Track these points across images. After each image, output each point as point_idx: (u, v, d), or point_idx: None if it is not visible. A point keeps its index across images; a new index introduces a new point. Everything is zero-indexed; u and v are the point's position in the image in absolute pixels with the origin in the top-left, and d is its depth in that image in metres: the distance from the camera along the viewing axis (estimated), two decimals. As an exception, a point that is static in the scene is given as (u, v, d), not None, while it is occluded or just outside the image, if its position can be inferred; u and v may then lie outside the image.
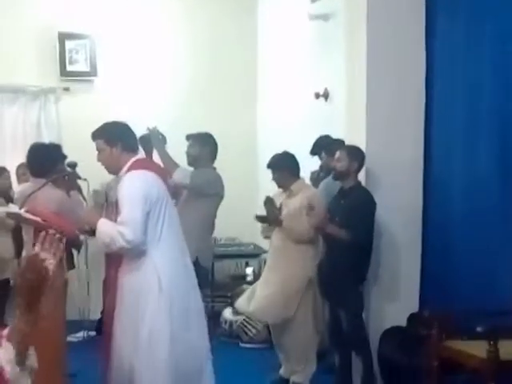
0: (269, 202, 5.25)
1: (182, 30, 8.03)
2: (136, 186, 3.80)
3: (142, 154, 4.12)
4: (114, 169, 4.00)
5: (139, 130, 4.25)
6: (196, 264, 4.72)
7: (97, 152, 4.00)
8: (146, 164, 4.00)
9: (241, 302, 5.57)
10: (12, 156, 7.10)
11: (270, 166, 5.40)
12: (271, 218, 5.24)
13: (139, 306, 3.78)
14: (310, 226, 4.92)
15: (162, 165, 4.90)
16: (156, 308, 3.77)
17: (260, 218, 5.38)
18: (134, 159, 3.95)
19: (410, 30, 5.06)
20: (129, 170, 3.90)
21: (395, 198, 5.02)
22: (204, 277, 5.12)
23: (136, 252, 3.77)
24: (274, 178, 5.37)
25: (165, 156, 5.40)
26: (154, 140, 5.39)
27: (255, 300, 5.35)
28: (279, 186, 5.39)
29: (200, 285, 4.17)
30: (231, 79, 8.06)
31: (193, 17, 8.04)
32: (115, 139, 3.92)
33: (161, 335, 3.77)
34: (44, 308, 2.01)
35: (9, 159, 7.01)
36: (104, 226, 3.82)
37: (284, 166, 5.33)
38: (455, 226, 4.84)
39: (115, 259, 3.92)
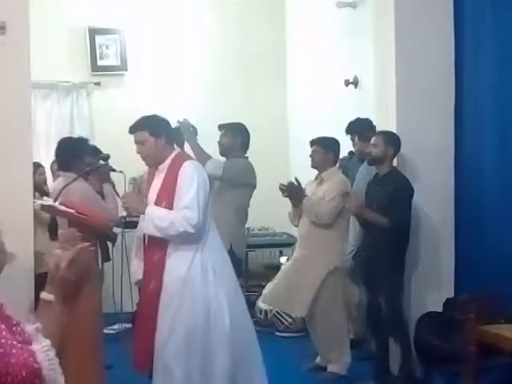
0: (290, 184, 5.30)
1: (210, 21, 8.05)
2: (198, 174, 3.91)
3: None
4: (157, 160, 4.04)
5: (170, 123, 4.27)
6: (230, 253, 4.76)
7: (136, 144, 4.03)
8: (188, 156, 4.12)
9: (264, 293, 5.63)
10: (46, 152, 7.19)
11: (314, 142, 5.38)
12: (292, 190, 5.26)
13: (186, 290, 3.86)
14: (349, 212, 4.95)
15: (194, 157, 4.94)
16: (209, 291, 3.87)
17: (282, 187, 5.36)
18: (176, 152, 4.06)
19: (438, 14, 5.02)
20: (174, 161, 3.97)
21: (427, 184, 5.00)
22: (238, 266, 5.14)
23: (196, 237, 3.86)
24: (313, 156, 5.35)
25: (197, 148, 5.42)
26: (185, 132, 5.41)
27: (276, 290, 5.42)
28: (313, 166, 5.38)
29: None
30: (260, 69, 8.07)
31: (221, 7, 8.06)
32: (160, 131, 3.98)
33: (219, 318, 3.87)
34: (81, 305, 2.03)
35: (43, 155, 7.11)
36: (158, 210, 3.90)
37: (328, 147, 5.34)
38: (488, 210, 4.81)
39: (158, 246, 3.96)
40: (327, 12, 6.87)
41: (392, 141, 4.83)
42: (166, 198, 3.89)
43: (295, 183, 5.30)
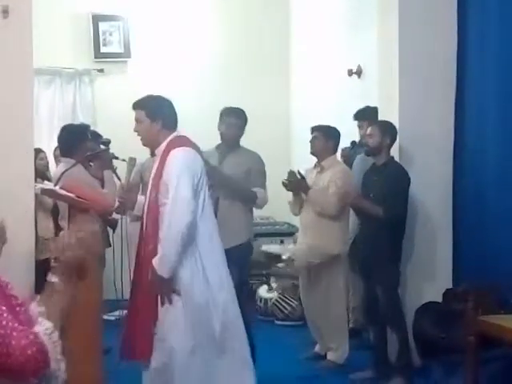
0: (291, 174, 5.27)
1: (214, 7, 8.05)
2: (183, 164, 3.74)
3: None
4: (151, 143, 3.96)
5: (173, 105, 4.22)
6: (249, 245, 4.91)
7: (135, 122, 3.93)
8: (185, 141, 3.90)
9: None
10: (49, 138, 7.21)
11: (315, 129, 5.38)
12: (296, 183, 5.26)
13: (178, 278, 3.74)
14: (342, 202, 4.95)
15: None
16: (203, 293, 3.75)
17: (285, 183, 5.35)
18: (171, 136, 3.87)
19: (441, 5, 5.02)
20: (168, 147, 3.83)
21: (428, 173, 5.01)
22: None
23: (191, 231, 3.70)
24: (313, 143, 5.35)
25: None
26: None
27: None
28: (312, 153, 5.38)
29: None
30: (264, 57, 8.07)
31: (225, -4, 8.05)
32: (157, 114, 3.86)
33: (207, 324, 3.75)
34: (83, 289, 2.05)
35: (45, 141, 7.12)
36: None
37: (328, 135, 5.35)
38: (487, 200, 4.81)
39: (152, 236, 3.91)
40: (330, 2, 6.86)
41: (388, 130, 4.83)
42: (157, 187, 3.79)
43: (298, 176, 5.29)
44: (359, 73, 6.31)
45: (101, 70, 7.77)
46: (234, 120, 5.07)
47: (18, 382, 1.85)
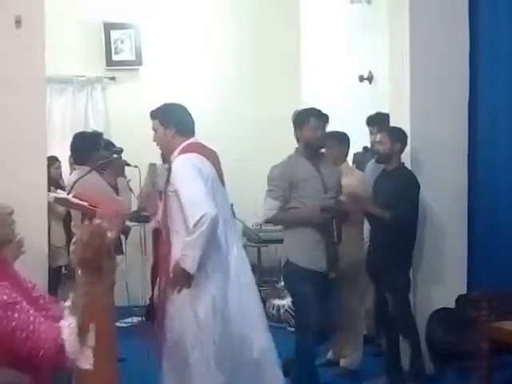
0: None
1: (225, 16, 8.06)
2: (188, 167, 3.76)
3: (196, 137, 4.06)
4: (167, 150, 4.00)
5: (188, 112, 4.25)
6: None
7: (153, 132, 3.99)
8: (198, 148, 3.92)
9: None
10: (62, 146, 7.23)
11: (329, 136, 5.36)
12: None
13: (197, 291, 3.75)
14: (353, 207, 4.93)
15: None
16: (210, 287, 3.77)
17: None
18: (186, 143, 3.91)
19: (452, 10, 5.01)
20: (180, 153, 3.86)
21: (440, 179, 5.00)
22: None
23: (214, 225, 3.68)
24: (329, 150, 5.31)
25: None
26: None
27: None
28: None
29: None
30: (275, 64, 8.08)
31: (236, 3, 8.07)
32: (169, 121, 3.91)
33: (215, 318, 3.77)
34: (106, 280, 2.08)
35: (59, 149, 7.14)
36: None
37: (343, 142, 5.37)
38: (501, 206, 4.79)
39: (166, 241, 3.93)
40: (341, 8, 6.87)
41: (398, 137, 4.83)
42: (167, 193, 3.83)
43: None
44: (370, 78, 6.32)
45: (112, 78, 7.80)
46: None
47: (32, 372, 1.92)
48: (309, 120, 4.68)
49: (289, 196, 4.57)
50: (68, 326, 1.93)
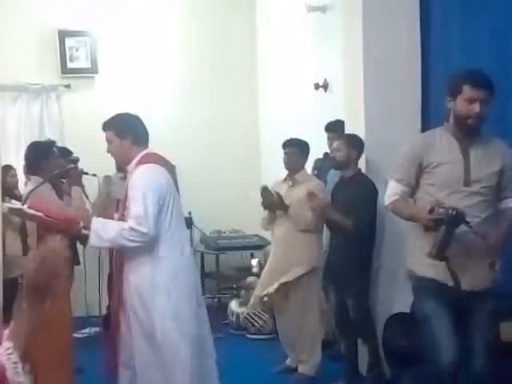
0: (265, 190, 5.30)
1: (181, 23, 8.05)
2: (148, 180, 3.77)
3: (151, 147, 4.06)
4: (124, 161, 3.96)
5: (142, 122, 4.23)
6: None
7: (107, 143, 3.96)
8: (155, 158, 3.93)
9: (253, 301, 5.65)
10: (17, 154, 7.14)
11: (287, 144, 5.40)
12: (276, 203, 5.28)
13: (147, 302, 3.77)
14: (312, 214, 4.98)
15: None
16: (165, 304, 3.77)
17: (265, 203, 5.38)
18: (142, 153, 3.90)
19: (405, 20, 5.06)
20: (138, 164, 3.86)
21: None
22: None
23: (146, 246, 3.74)
24: (289, 158, 5.36)
25: None
26: None
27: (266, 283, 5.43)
28: (288, 168, 5.40)
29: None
30: (232, 72, 8.10)
31: (192, 10, 8.07)
32: (126, 131, 3.88)
33: (171, 333, 3.76)
34: (50, 308, 2.04)
35: (13, 157, 7.06)
36: (103, 223, 3.79)
37: (303, 149, 5.39)
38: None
39: (121, 255, 3.93)
40: (297, 16, 6.91)
41: (354, 143, 4.88)
42: (127, 204, 3.82)
43: (267, 194, 5.31)
44: (326, 86, 6.36)
45: (68, 86, 7.74)
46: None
47: None
48: (462, 88, 3.50)
49: (414, 181, 3.63)
50: (3, 352, 1.89)
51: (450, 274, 3.37)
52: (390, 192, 3.72)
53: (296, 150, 5.35)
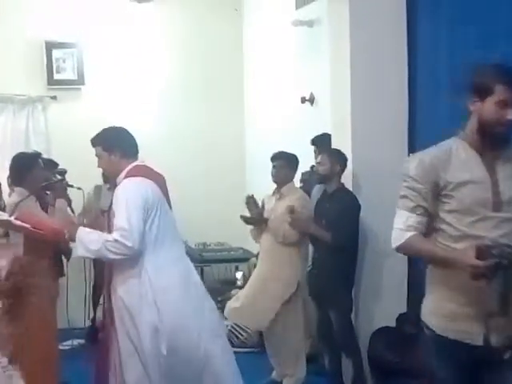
0: (250, 200, 5.32)
1: (168, 37, 8.08)
2: (132, 192, 3.76)
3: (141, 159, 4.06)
4: (116, 175, 3.96)
5: (129, 134, 4.23)
6: None
7: (97, 158, 3.98)
8: (143, 170, 3.93)
9: (227, 309, 5.62)
10: (2, 166, 7.10)
11: (275, 157, 5.41)
12: (254, 216, 5.31)
13: (134, 314, 3.76)
14: (292, 228, 5.00)
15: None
16: (154, 317, 3.75)
17: (244, 218, 5.43)
18: (131, 165, 3.91)
19: (392, 34, 5.11)
20: (126, 176, 3.86)
21: (381, 201, 5.05)
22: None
23: (131, 259, 3.72)
24: (275, 172, 5.37)
25: None
26: None
27: (239, 305, 5.42)
28: (275, 181, 5.41)
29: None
30: (219, 84, 8.12)
31: (179, 25, 8.09)
32: (113, 146, 3.90)
33: (160, 346, 3.74)
34: (32, 315, 2.04)
35: (-1, 169, 7.03)
36: (89, 234, 3.78)
37: (288, 163, 5.39)
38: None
39: (110, 267, 3.91)
40: (284, 30, 6.95)
41: (338, 158, 4.92)
42: (110, 216, 3.83)
43: (252, 205, 5.34)
44: (312, 100, 6.39)
45: (54, 97, 7.73)
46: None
47: None
48: (494, 87, 2.72)
49: (432, 208, 2.84)
50: None
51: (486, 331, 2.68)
52: (402, 226, 2.95)
53: (284, 163, 5.36)
